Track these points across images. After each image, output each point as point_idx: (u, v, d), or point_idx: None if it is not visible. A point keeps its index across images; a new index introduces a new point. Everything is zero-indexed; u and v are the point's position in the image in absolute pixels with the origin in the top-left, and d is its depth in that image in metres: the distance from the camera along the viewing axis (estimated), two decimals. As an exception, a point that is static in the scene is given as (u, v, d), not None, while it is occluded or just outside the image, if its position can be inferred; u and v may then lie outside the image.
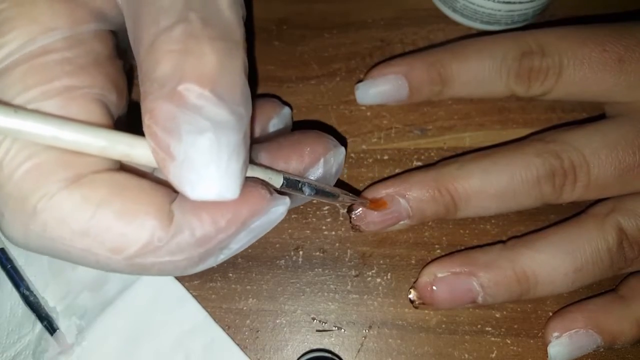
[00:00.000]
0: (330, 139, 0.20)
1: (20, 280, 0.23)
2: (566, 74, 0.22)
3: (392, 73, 0.24)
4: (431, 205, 0.22)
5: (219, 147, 0.14)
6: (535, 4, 0.25)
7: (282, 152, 0.19)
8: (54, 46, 0.15)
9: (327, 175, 0.20)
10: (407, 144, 0.25)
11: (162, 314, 0.23)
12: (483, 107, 0.25)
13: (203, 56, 0.14)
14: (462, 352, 0.22)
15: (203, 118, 0.14)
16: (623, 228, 0.21)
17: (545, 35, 0.22)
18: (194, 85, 0.14)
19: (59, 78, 0.15)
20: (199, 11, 0.14)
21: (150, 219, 0.15)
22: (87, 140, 0.14)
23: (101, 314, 0.23)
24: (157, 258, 0.15)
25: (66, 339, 0.23)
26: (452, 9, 0.26)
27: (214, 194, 0.14)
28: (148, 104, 0.14)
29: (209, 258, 0.16)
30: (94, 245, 0.15)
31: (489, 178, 0.21)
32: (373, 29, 0.27)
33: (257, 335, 0.23)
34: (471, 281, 0.21)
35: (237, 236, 0.16)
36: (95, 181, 0.15)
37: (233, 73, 0.15)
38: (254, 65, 0.27)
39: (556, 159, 0.21)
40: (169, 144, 0.14)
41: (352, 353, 0.23)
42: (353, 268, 0.24)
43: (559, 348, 0.21)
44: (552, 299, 0.23)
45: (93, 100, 0.16)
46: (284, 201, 0.17)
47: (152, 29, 0.14)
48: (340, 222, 0.24)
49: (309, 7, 0.28)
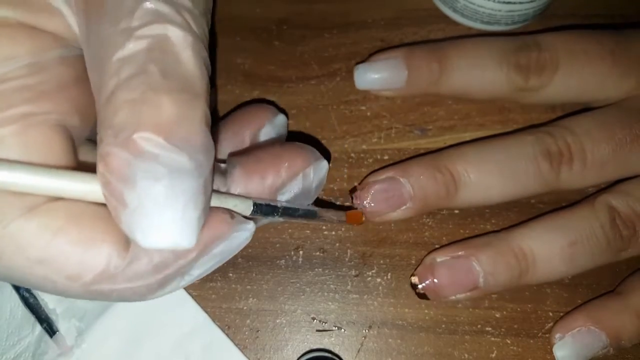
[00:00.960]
0: (311, 152, 0.20)
1: (20, 282, 0.23)
2: (563, 66, 0.23)
3: (391, 57, 0.24)
4: (431, 183, 0.22)
5: (174, 194, 0.14)
6: (536, 4, 0.25)
7: (258, 166, 0.19)
8: (12, 74, 0.15)
9: (306, 191, 0.20)
10: (407, 144, 0.25)
11: (161, 316, 0.23)
12: (483, 107, 0.25)
13: (160, 106, 0.14)
14: (462, 352, 0.22)
15: (159, 165, 0.13)
16: (614, 206, 0.21)
17: (541, 35, 0.23)
18: (150, 133, 0.13)
19: (16, 105, 0.15)
20: (159, 64, 0.14)
21: (107, 246, 0.15)
22: (35, 183, 0.14)
23: (101, 316, 0.23)
24: (114, 285, 0.15)
25: (66, 341, 0.23)
26: (452, 9, 0.26)
27: (168, 242, 0.14)
28: (102, 150, 0.14)
29: (168, 284, 0.16)
30: (51, 273, 0.15)
31: (485, 152, 0.22)
32: (373, 29, 0.27)
33: (257, 335, 0.23)
34: (470, 262, 0.21)
35: (198, 262, 0.16)
36: (51, 210, 0.15)
37: (192, 123, 0.14)
38: (254, 66, 0.27)
39: (549, 137, 0.22)
40: (122, 192, 0.14)
41: (352, 353, 0.23)
42: (353, 268, 0.24)
43: (564, 350, 0.21)
44: (552, 298, 0.23)
45: (52, 127, 0.16)
46: (247, 226, 0.17)
47: (112, 79, 0.14)
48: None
49: (309, 7, 0.28)
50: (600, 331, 0.21)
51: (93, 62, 0.16)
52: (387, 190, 0.22)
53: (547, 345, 0.22)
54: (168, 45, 0.15)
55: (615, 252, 0.21)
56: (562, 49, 0.23)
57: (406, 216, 0.23)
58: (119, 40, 0.14)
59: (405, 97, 0.26)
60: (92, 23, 0.15)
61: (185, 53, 0.15)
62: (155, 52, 0.14)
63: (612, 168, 0.22)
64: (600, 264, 0.21)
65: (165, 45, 0.15)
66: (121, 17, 0.15)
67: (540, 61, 0.23)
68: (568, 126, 0.22)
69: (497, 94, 0.24)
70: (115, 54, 0.14)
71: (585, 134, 0.22)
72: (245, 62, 0.27)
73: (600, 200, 0.22)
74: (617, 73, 0.22)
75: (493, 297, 0.23)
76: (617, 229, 0.21)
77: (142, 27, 0.15)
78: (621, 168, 0.22)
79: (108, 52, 0.15)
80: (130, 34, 0.14)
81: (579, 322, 0.21)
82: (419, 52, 0.24)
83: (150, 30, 0.15)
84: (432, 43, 0.25)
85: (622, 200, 0.21)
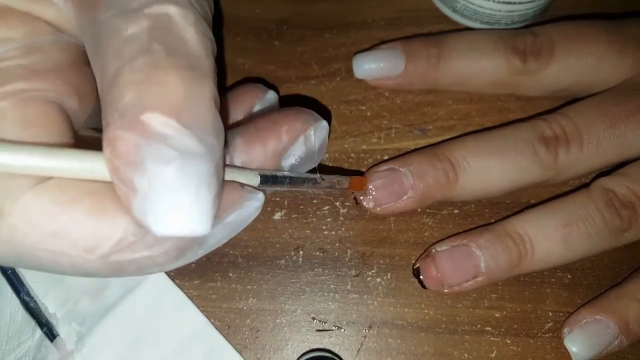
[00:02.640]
0: (310, 114, 0.19)
1: (20, 285, 0.23)
2: (559, 48, 0.23)
3: (389, 47, 0.25)
4: (431, 170, 0.22)
5: (187, 177, 0.13)
6: (536, 4, 0.25)
7: (259, 134, 0.18)
8: (7, 55, 0.15)
9: (310, 153, 0.19)
10: (407, 144, 0.25)
11: (162, 320, 0.23)
12: (483, 107, 0.25)
13: (168, 85, 0.13)
14: (462, 352, 0.23)
15: (169, 147, 0.13)
16: (610, 188, 0.21)
17: (535, 26, 0.24)
18: (158, 114, 0.13)
19: (13, 81, 0.15)
20: (163, 42, 0.14)
21: (122, 214, 0.14)
22: (49, 164, 0.13)
23: (101, 320, 0.23)
24: (134, 254, 0.15)
25: (66, 346, 0.23)
26: (452, 9, 0.26)
27: (183, 228, 0.14)
28: (109, 134, 0.13)
29: (186, 253, 0.16)
30: (66, 246, 0.14)
31: (482, 140, 0.23)
32: (373, 29, 0.27)
33: (257, 335, 0.23)
34: (470, 247, 0.22)
35: (212, 230, 0.16)
36: (62, 182, 0.15)
37: (201, 102, 0.14)
38: (254, 66, 0.27)
39: (544, 122, 0.22)
40: (132, 177, 0.13)
41: (352, 353, 0.23)
42: (353, 268, 0.24)
43: (575, 344, 0.21)
44: (552, 298, 0.23)
45: (50, 103, 0.15)
46: (257, 196, 0.16)
47: (115, 62, 0.14)
48: (340, 222, 0.24)
49: (309, 7, 0.28)
50: (606, 319, 0.21)
51: (94, 49, 0.15)
52: (388, 180, 0.22)
53: (547, 345, 0.22)
54: (170, 24, 0.14)
55: (615, 233, 0.21)
56: (556, 33, 0.23)
57: (409, 208, 0.23)
58: (119, 23, 0.14)
59: (405, 97, 0.26)
60: (89, 8, 0.15)
61: (189, 31, 0.15)
62: (158, 30, 0.14)
63: (610, 147, 0.22)
64: (602, 248, 0.21)
65: (167, 24, 0.14)
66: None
67: (536, 44, 0.23)
68: (562, 111, 0.23)
69: (497, 78, 0.24)
70: (116, 36, 0.14)
71: (579, 115, 0.22)
72: (245, 62, 0.27)
73: (595, 183, 0.22)
74: (613, 50, 0.23)
75: (493, 297, 0.23)
76: (613, 209, 0.21)
77: (142, 8, 0.14)
78: (619, 146, 0.22)
79: (108, 36, 0.14)
80: (131, 15, 0.14)
81: (585, 314, 0.21)
82: (417, 40, 0.25)
83: (151, 10, 0.14)
84: (430, 36, 0.25)
85: (618, 182, 0.21)
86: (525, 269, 0.22)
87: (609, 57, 0.23)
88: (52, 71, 0.16)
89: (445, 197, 0.23)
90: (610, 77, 0.23)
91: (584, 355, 0.21)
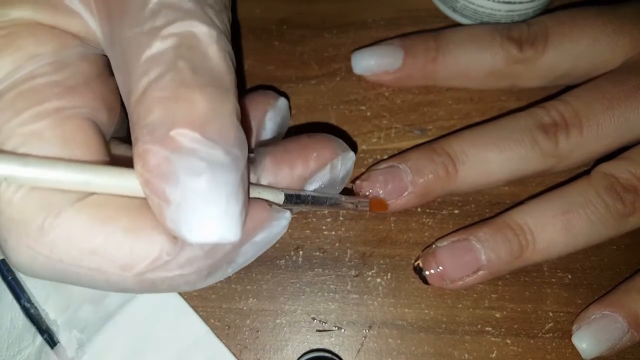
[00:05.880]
0: (339, 143, 0.20)
1: (21, 292, 0.23)
2: (553, 33, 0.23)
3: (388, 43, 0.25)
4: (429, 164, 0.22)
5: (217, 187, 0.14)
6: (535, 4, 0.25)
7: (287, 156, 0.19)
8: (39, 71, 0.15)
9: (333, 181, 0.20)
10: (407, 144, 0.25)
11: (163, 328, 0.23)
12: (483, 107, 0.25)
13: (193, 102, 0.14)
14: (462, 352, 0.22)
15: (198, 160, 0.14)
16: (611, 173, 0.21)
17: (531, 19, 0.25)
18: (186, 129, 0.14)
19: (49, 100, 0.15)
20: (188, 60, 0.14)
21: (158, 233, 0.15)
22: (79, 180, 0.14)
23: (102, 327, 0.23)
24: (167, 273, 0.15)
25: (66, 353, 0.23)
26: (452, 9, 0.26)
27: (215, 236, 0.14)
28: (139, 149, 0.14)
29: (217, 271, 0.16)
30: (103, 263, 0.15)
31: (479, 131, 0.23)
32: (373, 29, 0.27)
33: (257, 335, 0.23)
34: (470, 241, 0.22)
35: (242, 249, 0.16)
36: (100, 200, 0.15)
37: (224, 117, 0.15)
38: (254, 66, 0.27)
39: (542, 110, 0.22)
40: (164, 189, 0.14)
41: (352, 353, 0.23)
42: (353, 268, 0.24)
43: (584, 340, 0.21)
44: (552, 298, 0.23)
45: (84, 120, 0.16)
46: (285, 215, 0.17)
47: (143, 79, 0.14)
48: (340, 222, 0.24)
49: (309, 7, 0.28)
50: (614, 314, 0.21)
51: (119, 64, 0.16)
52: (387, 177, 0.22)
53: (548, 345, 0.22)
54: (194, 42, 0.15)
55: (619, 218, 0.21)
56: (550, 21, 0.23)
57: (410, 204, 0.23)
58: (144, 40, 0.15)
59: (405, 97, 0.26)
60: (115, 25, 0.15)
61: (212, 48, 0.15)
62: (183, 48, 0.15)
63: (611, 129, 0.21)
64: (607, 235, 0.21)
65: (191, 42, 0.15)
66: (145, 17, 0.15)
67: (531, 32, 0.23)
68: (560, 97, 0.22)
69: (495, 68, 0.24)
70: (142, 53, 0.14)
71: (577, 99, 0.22)
72: (245, 62, 0.27)
73: (595, 169, 0.21)
74: (608, 30, 0.23)
75: (493, 297, 0.23)
76: (615, 193, 0.20)
77: (167, 26, 0.15)
78: (620, 127, 0.21)
79: (135, 53, 0.15)
80: (156, 33, 0.14)
81: (593, 310, 0.21)
82: (414, 36, 0.25)
83: (176, 28, 0.15)
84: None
85: (619, 166, 0.21)
86: (527, 261, 0.21)
87: (605, 37, 0.23)
88: (82, 85, 0.16)
89: (446, 191, 0.23)
90: (609, 58, 0.23)
91: (594, 351, 0.21)
